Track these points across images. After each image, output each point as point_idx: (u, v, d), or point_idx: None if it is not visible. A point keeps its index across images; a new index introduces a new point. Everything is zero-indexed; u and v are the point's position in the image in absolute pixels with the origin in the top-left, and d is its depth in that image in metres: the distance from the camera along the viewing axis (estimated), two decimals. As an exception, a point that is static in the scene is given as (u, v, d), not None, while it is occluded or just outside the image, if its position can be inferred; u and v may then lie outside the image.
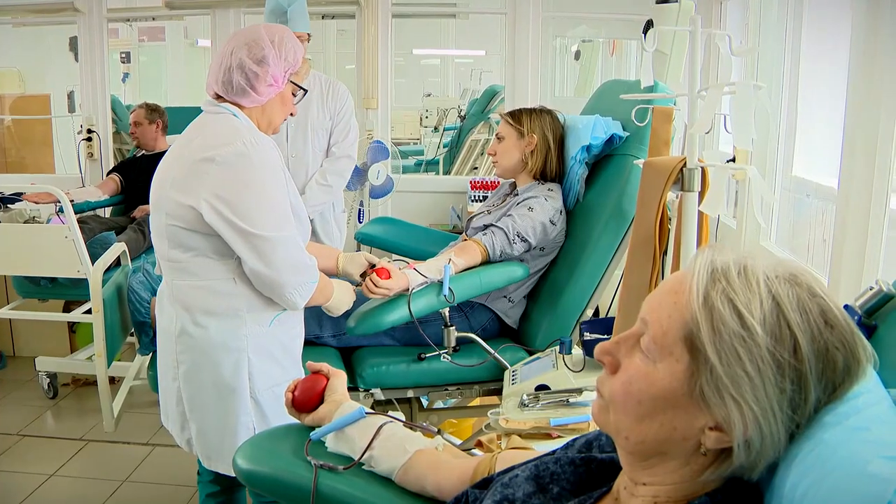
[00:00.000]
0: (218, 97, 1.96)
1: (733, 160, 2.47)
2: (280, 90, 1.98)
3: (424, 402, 2.75)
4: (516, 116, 2.76)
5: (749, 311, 0.83)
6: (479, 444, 1.60)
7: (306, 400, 1.55)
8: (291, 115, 2.08)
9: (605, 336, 2.28)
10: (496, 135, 2.80)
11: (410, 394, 2.57)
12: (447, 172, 6.13)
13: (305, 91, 2.07)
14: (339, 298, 2.16)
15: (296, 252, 1.92)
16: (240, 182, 1.83)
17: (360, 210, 4.69)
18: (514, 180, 2.81)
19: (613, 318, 2.37)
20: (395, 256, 3.09)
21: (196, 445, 2.06)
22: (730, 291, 0.85)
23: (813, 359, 0.83)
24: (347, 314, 2.29)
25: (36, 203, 3.94)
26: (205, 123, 1.94)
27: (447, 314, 2.45)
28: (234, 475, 1.95)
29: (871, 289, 1.16)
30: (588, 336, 2.24)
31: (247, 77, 1.90)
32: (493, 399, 2.63)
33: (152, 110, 4.42)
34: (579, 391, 1.93)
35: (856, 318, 1.14)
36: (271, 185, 1.87)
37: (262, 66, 1.91)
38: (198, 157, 1.83)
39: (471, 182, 4.48)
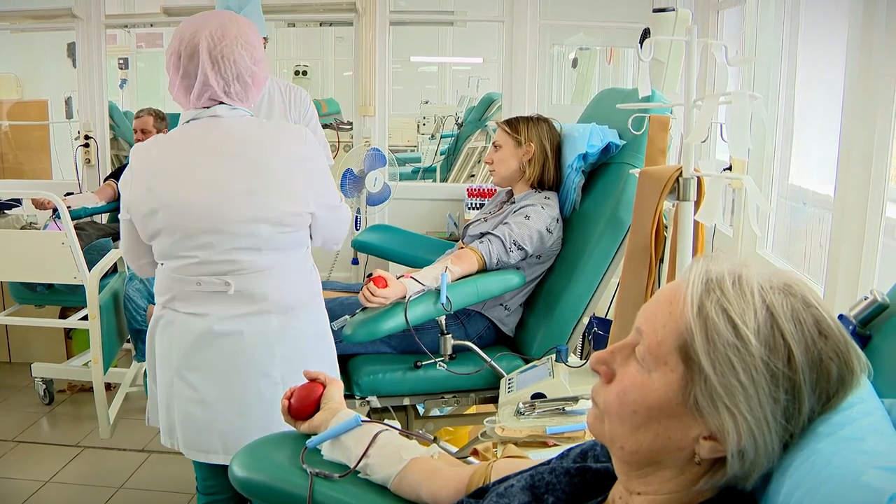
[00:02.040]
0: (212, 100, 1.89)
1: (730, 169, 2.48)
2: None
3: (421, 410, 2.74)
4: (513, 125, 2.76)
5: (743, 321, 0.83)
6: (475, 453, 1.60)
7: (302, 407, 1.55)
8: None
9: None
10: (493, 143, 2.80)
11: (407, 402, 2.57)
12: (444, 180, 6.14)
13: None
14: None
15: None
16: (320, 171, 1.96)
17: (356, 217, 4.69)
18: (510, 188, 2.82)
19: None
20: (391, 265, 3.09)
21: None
22: (724, 301, 0.85)
23: (807, 369, 0.84)
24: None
25: (43, 208, 3.91)
26: (238, 127, 1.89)
27: (443, 322, 2.45)
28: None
29: (866, 299, 1.16)
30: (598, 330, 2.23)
31: (249, 79, 1.89)
32: (490, 407, 2.63)
33: (161, 118, 4.39)
34: (575, 399, 1.93)
35: (850, 328, 1.14)
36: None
37: (258, 65, 1.89)
38: (280, 163, 1.87)
39: (468, 190, 4.48)
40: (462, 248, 2.62)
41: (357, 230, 4.62)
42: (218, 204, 1.84)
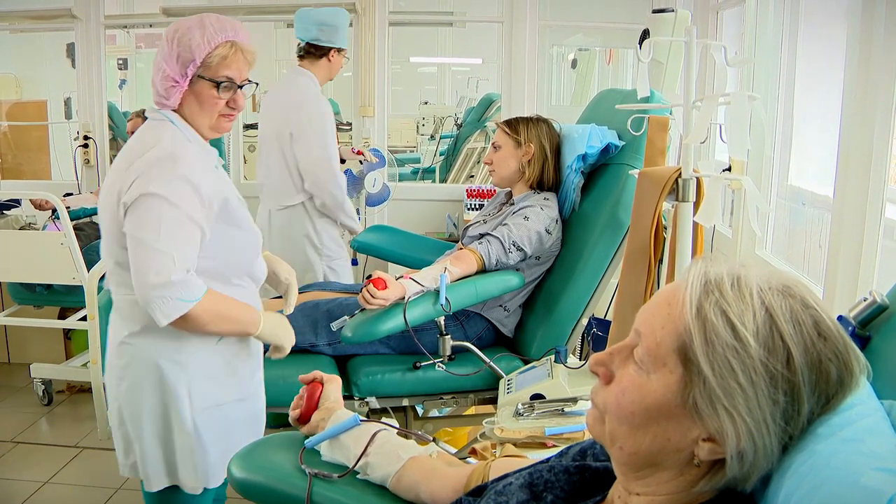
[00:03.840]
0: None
1: (729, 170, 2.48)
2: (183, 88, 1.78)
3: (420, 411, 2.74)
4: (513, 125, 2.76)
5: (742, 322, 0.83)
6: (474, 453, 1.60)
7: (307, 411, 1.55)
8: (232, 112, 1.85)
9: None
10: (492, 144, 2.80)
11: (405, 402, 2.57)
12: (443, 181, 6.13)
13: (236, 84, 1.83)
14: (272, 331, 1.96)
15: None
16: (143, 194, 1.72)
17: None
18: (510, 189, 2.82)
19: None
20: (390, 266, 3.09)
21: (140, 468, 1.93)
22: (723, 303, 0.85)
23: (806, 370, 0.84)
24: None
25: (42, 209, 3.91)
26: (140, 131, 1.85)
27: (442, 323, 2.45)
28: (173, 492, 1.92)
29: (865, 300, 1.16)
30: (596, 332, 2.23)
31: (158, 79, 1.79)
32: (489, 408, 2.63)
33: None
34: (574, 400, 1.93)
35: (850, 329, 1.14)
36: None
37: (161, 65, 1.78)
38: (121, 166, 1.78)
39: (467, 190, 4.48)
40: (461, 248, 2.62)
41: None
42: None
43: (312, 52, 3.33)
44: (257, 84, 1.89)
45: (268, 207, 3.47)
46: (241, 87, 1.83)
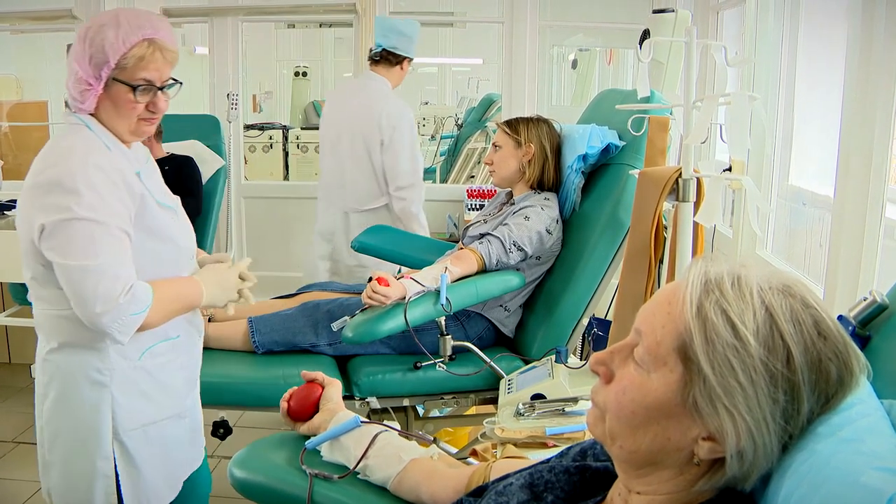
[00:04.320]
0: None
1: (729, 170, 2.48)
2: (98, 92, 1.65)
3: (420, 411, 2.74)
4: (513, 126, 2.76)
5: (742, 321, 0.83)
6: (475, 453, 1.60)
7: (301, 409, 1.55)
8: (153, 116, 1.71)
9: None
10: (493, 144, 2.80)
11: (406, 402, 2.57)
12: (444, 181, 6.14)
13: (155, 86, 1.68)
14: (212, 293, 1.81)
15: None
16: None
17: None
18: (510, 189, 2.82)
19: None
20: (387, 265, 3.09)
21: (53, 495, 1.78)
22: (723, 302, 0.85)
23: (806, 370, 0.84)
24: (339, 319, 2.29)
25: None
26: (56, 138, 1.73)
27: (443, 323, 2.45)
28: None
29: (865, 299, 1.16)
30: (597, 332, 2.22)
31: (71, 82, 1.68)
32: (489, 408, 2.63)
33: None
34: (575, 400, 1.93)
35: (850, 328, 1.14)
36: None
37: (73, 67, 1.66)
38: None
39: (467, 191, 4.48)
40: (462, 248, 2.62)
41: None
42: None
43: (389, 58, 3.53)
44: (181, 84, 1.74)
45: (342, 209, 3.60)
46: (161, 88, 1.69)
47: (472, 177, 5.83)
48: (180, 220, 1.84)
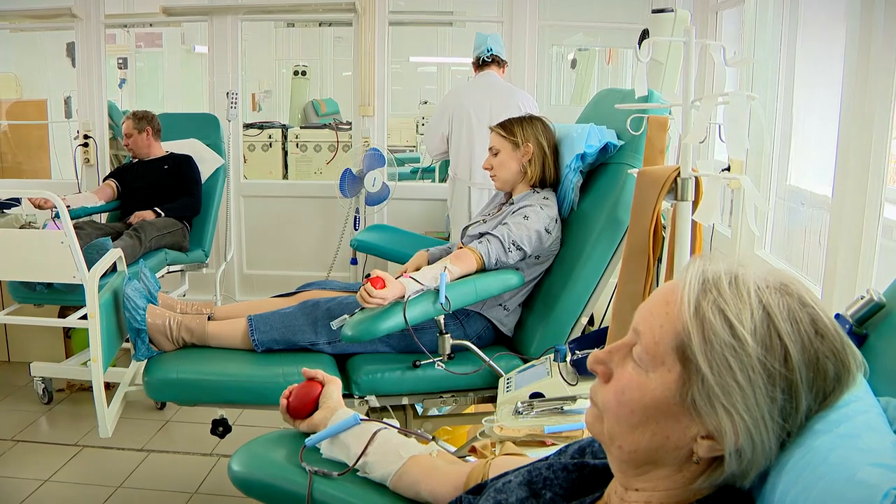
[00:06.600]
0: None
1: (728, 169, 2.48)
2: None
3: (419, 410, 2.75)
4: (508, 128, 2.74)
5: (740, 321, 0.84)
6: (474, 451, 1.60)
7: (301, 406, 1.56)
8: None
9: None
10: (489, 149, 2.77)
11: (405, 401, 2.57)
12: (443, 180, 6.14)
13: None
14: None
15: None
16: None
17: (355, 217, 4.69)
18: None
19: (598, 330, 2.38)
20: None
21: None
22: (721, 302, 0.85)
23: (803, 368, 0.84)
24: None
25: (42, 208, 3.91)
26: None
27: (442, 322, 2.45)
28: None
29: (862, 298, 1.16)
30: (579, 354, 2.21)
31: None
32: (488, 406, 2.63)
33: (139, 119, 4.32)
34: (574, 399, 1.93)
35: (847, 327, 1.15)
36: None
37: None
38: None
39: (467, 190, 4.47)
40: (461, 248, 2.62)
41: (356, 230, 4.63)
42: None
43: (499, 61, 4.27)
44: None
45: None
46: None
47: (472, 176, 5.82)
48: None
